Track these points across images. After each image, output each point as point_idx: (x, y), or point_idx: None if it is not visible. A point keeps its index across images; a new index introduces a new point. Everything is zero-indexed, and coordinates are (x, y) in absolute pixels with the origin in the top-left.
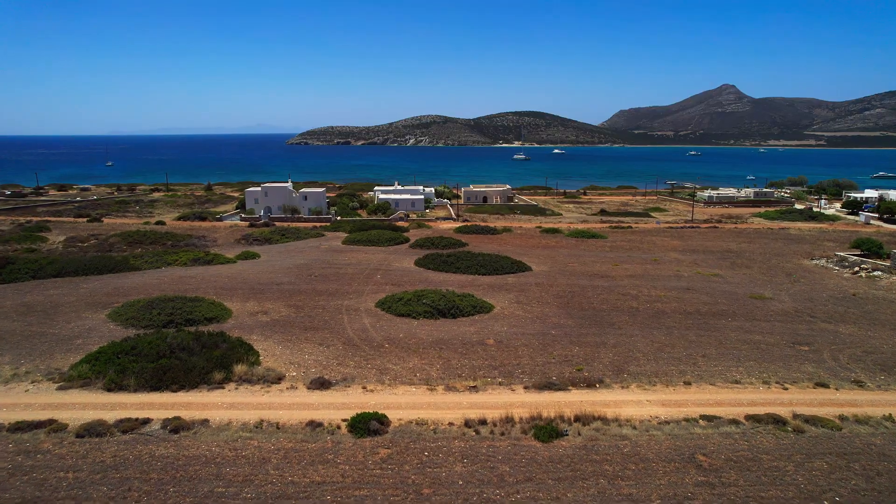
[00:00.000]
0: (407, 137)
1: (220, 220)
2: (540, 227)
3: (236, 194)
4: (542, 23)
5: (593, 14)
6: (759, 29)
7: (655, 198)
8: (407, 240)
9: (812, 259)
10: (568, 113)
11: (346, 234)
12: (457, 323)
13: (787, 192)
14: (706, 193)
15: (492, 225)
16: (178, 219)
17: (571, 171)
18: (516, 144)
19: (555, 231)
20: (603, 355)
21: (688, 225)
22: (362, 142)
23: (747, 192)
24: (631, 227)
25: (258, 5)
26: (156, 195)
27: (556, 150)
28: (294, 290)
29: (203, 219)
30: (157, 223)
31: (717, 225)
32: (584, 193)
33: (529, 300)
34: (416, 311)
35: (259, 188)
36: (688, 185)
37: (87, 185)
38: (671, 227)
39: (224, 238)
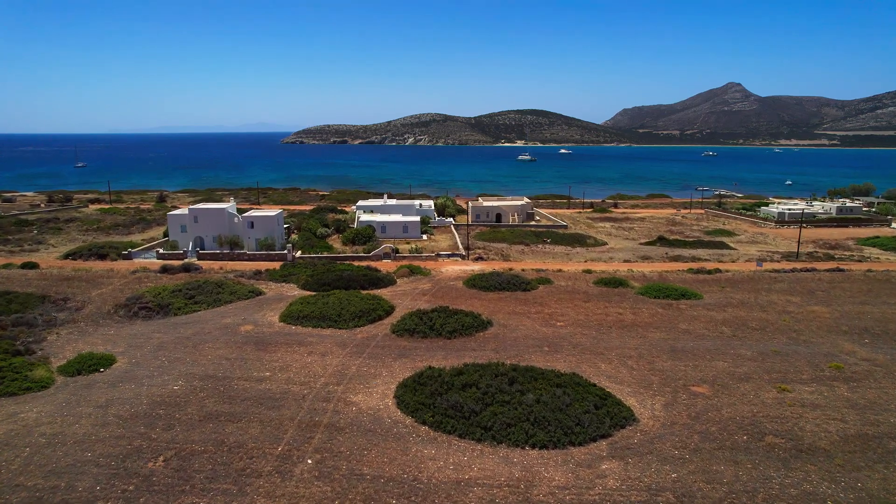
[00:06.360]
0: (406, 136)
1: (129, 257)
2: (589, 270)
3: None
4: (544, 19)
5: (595, 10)
6: (765, 26)
7: (703, 212)
8: (389, 310)
9: None
10: (570, 111)
11: (296, 291)
12: None
13: (860, 204)
14: (774, 208)
15: (519, 269)
16: (69, 255)
17: (584, 174)
18: (519, 144)
19: (617, 283)
20: None
21: (800, 266)
22: (359, 141)
23: (826, 207)
24: (720, 271)
25: (259, 4)
26: (90, 208)
27: (563, 150)
28: None
29: (103, 256)
30: (25, 265)
31: (839, 265)
32: (616, 205)
33: None
34: None
35: (186, 211)
36: (722, 191)
37: (14, 194)
38: (777, 271)
39: (101, 301)
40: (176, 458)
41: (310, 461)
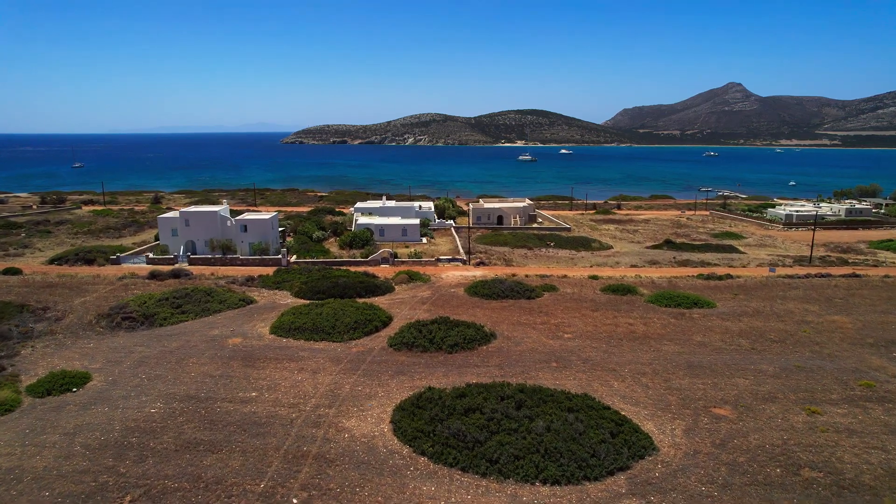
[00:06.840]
0: (405, 136)
1: (117, 261)
2: (596, 276)
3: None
4: (544, 19)
5: (595, 10)
6: (765, 26)
7: (708, 213)
8: (386, 321)
9: None
10: (570, 111)
11: (289, 299)
12: None
13: (869, 205)
14: (782, 210)
15: (522, 274)
16: (54, 260)
17: (586, 175)
18: (519, 144)
19: (626, 290)
20: None
21: (814, 272)
22: (359, 141)
23: (834, 208)
24: (731, 276)
25: (259, 4)
26: (82, 210)
27: (564, 151)
28: None
29: (90, 261)
30: (7, 271)
31: (855, 271)
32: (619, 207)
33: None
34: None
35: (177, 214)
36: (726, 192)
37: (7, 195)
38: (791, 277)
39: (83, 311)
40: (145, 497)
41: (295, 501)
